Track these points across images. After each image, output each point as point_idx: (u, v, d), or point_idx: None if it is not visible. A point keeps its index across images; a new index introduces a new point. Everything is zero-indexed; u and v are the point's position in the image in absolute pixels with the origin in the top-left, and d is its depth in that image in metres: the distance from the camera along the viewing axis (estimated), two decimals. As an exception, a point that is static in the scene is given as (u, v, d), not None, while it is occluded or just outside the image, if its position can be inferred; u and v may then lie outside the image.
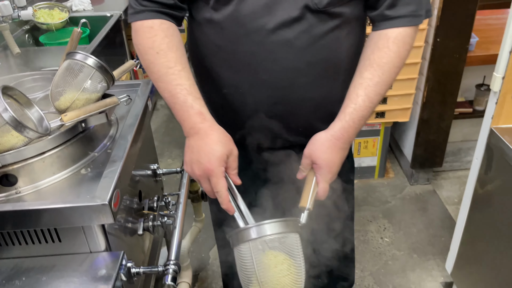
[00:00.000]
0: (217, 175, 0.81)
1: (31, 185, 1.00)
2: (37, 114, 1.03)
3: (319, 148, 0.87)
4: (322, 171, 0.87)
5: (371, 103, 0.86)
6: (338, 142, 0.87)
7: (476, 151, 1.38)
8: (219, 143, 0.83)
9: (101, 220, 0.96)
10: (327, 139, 0.87)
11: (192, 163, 0.85)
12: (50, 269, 0.99)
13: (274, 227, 0.79)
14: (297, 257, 0.80)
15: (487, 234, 1.39)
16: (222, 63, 0.94)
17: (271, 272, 0.78)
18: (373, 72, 0.84)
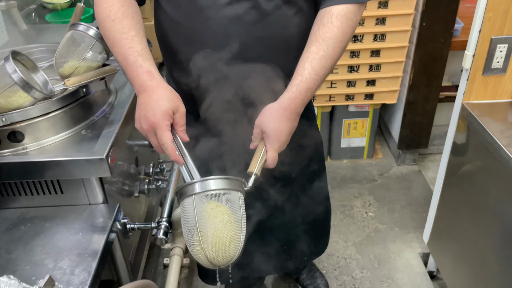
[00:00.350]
0: (161, 128, 0.84)
1: (36, 142, 1.11)
2: (42, 78, 1.13)
3: (267, 118, 0.91)
4: (270, 139, 0.91)
5: (317, 76, 0.91)
6: (286, 112, 0.91)
7: (450, 126, 1.47)
8: (165, 99, 0.86)
9: (99, 173, 1.06)
10: (275, 109, 0.91)
11: (140, 119, 0.88)
12: (53, 218, 1.10)
13: (218, 183, 0.81)
14: (238, 213, 0.82)
15: (460, 206, 1.48)
16: (181, 39, 1.00)
17: (211, 222, 0.79)
18: (319, 46, 0.90)
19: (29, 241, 1.02)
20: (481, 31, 1.25)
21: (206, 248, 0.79)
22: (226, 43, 0.96)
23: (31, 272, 0.94)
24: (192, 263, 1.88)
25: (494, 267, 1.29)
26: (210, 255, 0.80)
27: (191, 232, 0.81)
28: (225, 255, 0.80)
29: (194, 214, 0.80)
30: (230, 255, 0.81)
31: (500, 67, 1.30)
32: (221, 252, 0.80)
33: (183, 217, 0.83)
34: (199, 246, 0.80)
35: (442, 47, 1.99)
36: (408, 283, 1.75)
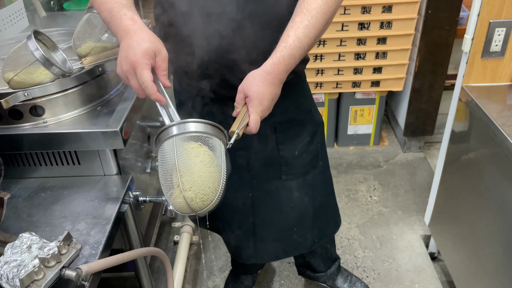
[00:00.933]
0: (141, 65, 0.83)
1: (56, 116, 1.19)
2: (61, 57, 1.21)
3: (251, 82, 0.93)
4: (253, 103, 0.92)
5: (301, 44, 0.94)
6: (269, 76, 0.93)
7: (450, 108, 1.52)
8: (146, 40, 0.86)
9: (113, 145, 1.14)
10: (258, 74, 0.93)
11: (121, 61, 0.87)
12: (70, 187, 1.18)
13: (200, 126, 0.80)
14: (219, 158, 0.82)
15: (460, 188, 1.53)
16: (177, 16, 1.04)
17: (191, 161, 0.77)
18: (303, 16, 0.94)
19: (48, 206, 1.10)
20: (479, 15, 1.29)
21: (185, 189, 0.77)
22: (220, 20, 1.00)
23: (50, 233, 1.02)
24: (201, 240, 1.96)
25: (492, 248, 1.33)
26: (188, 196, 0.77)
27: (169, 173, 0.79)
28: (204, 198, 0.78)
29: (174, 154, 0.77)
30: (208, 198, 0.79)
31: (499, 50, 1.34)
32: (200, 194, 0.78)
33: (161, 161, 0.81)
34: (178, 189, 0.77)
35: (448, 35, 2.03)
36: (408, 263, 1.81)
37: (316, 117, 1.30)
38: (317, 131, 1.30)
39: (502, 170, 1.24)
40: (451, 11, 1.97)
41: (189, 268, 1.85)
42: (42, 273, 0.81)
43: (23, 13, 1.90)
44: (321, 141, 1.33)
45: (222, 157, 0.83)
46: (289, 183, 1.29)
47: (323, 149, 1.36)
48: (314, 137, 1.29)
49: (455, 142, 1.53)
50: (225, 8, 1.00)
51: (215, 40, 1.03)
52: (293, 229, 1.35)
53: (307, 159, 1.29)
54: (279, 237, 1.36)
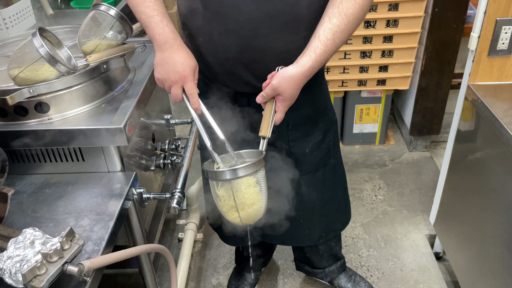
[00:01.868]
0: (192, 80, 0.98)
1: (61, 113, 1.20)
2: (66, 54, 1.21)
3: (289, 83, 0.95)
4: (285, 103, 0.98)
5: (335, 48, 0.96)
6: (304, 78, 0.97)
7: (456, 107, 1.51)
8: (191, 57, 0.99)
9: (117, 142, 1.15)
10: (297, 76, 0.95)
11: (168, 72, 0.99)
12: (75, 183, 1.19)
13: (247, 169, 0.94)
14: (262, 180, 0.97)
15: (465, 188, 1.52)
16: (198, 14, 1.06)
17: (244, 195, 0.95)
18: (341, 20, 0.95)
19: (52, 202, 1.11)
20: (486, 13, 1.28)
21: (242, 217, 0.98)
22: (239, 19, 1.01)
23: (54, 229, 1.03)
24: (205, 237, 1.96)
25: (498, 249, 1.32)
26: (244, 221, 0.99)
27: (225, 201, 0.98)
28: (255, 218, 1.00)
29: (232, 193, 0.95)
30: (258, 217, 1.00)
31: (505, 48, 1.33)
32: (252, 217, 0.99)
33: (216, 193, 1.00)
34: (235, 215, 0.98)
35: (455, 33, 2.01)
36: (413, 262, 1.80)
37: (330, 116, 1.31)
38: (329, 129, 1.30)
39: (508, 170, 1.23)
40: (458, 9, 1.95)
41: (193, 266, 1.85)
42: (44, 268, 0.82)
43: (30, 11, 1.91)
44: (333, 139, 1.34)
45: (264, 179, 0.98)
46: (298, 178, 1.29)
47: (336, 147, 1.37)
48: (326, 136, 1.29)
49: (461, 141, 1.52)
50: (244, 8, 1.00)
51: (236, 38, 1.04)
52: (300, 221, 1.35)
53: (318, 157, 1.29)
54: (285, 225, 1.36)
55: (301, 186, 1.30)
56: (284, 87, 0.96)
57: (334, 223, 1.44)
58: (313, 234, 1.40)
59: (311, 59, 0.96)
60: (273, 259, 1.85)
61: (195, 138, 1.59)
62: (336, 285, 1.67)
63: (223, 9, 1.01)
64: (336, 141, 1.36)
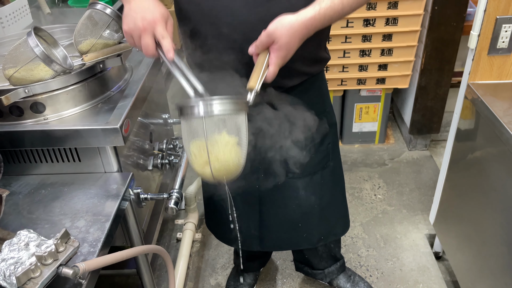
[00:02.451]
0: (162, 25, 0.89)
1: (57, 113, 1.18)
2: (62, 53, 1.20)
3: (286, 29, 0.85)
4: (279, 53, 0.87)
5: (341, 10, 0.88)
6: (304, 30, 0.87)
7: (456, 106, 1.49)
8: (160, 6, 0.92)
9: (113, 142, 1.14)
10: (296, 23, 0.85)
11: (135, 20, 0.89)
12: (71, 184, 1.18)
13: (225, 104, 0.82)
14: (243, 132, 0.85)
15: (465, 187, 1.51)
16: (193, 16, 1.05)
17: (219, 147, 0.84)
18: None
19: (48, 203, 1.10)
20: (486, 11, 1.27)
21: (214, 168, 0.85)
22: (232, 22, 0.99)
23: (49, 230, 1.02)
24: (204, 237, 1.96)
25: (497, 248, 1.31)
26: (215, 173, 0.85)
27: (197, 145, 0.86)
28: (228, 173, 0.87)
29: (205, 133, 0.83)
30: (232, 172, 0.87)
31: (506, 47, 1.32)
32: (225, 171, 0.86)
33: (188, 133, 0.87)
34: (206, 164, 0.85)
35: (455, 31, 2.00)
36: (413, 262, 1.79)
37: (329, 118, 1.29)
38: (328, 132, 1.28)
39: (507, 169, 1.22)
40: (458, 7, 1.94)
41: (191, 266, 1.85)
42: (39, 271, 0.81)
43: (26, 10, 1.90)
44: (332, 141, 1.32)
45: (245, 132, 0.85)
46: (295, 181, 1.28)
47: (335, 149, 1.35)
48: (325, 138, 1.28)
49: (460, 140, 1.51)
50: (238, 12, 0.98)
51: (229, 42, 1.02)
52: (298, 224, 1.35)
53: (316, 160, 1.28)
54: (283, 229, 1.36)
55: (299, 189, 1.29)
56: (280, 33, 0.85)
57: (334, 227, 1.43)
58: (312, 237, 1.38)
59: (315, 10, 0.87)
60: (272, 259, 1.84)
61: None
62: (335, 285, 1.66)
63: (215, 12, 1.00)
64: (336, 144, 1.35)
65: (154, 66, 1.49)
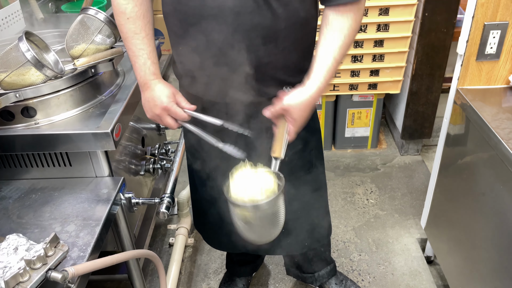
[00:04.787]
0: (172, 106, 1.04)
1: (48, 118, 1.19)
2: (54, 58, 1.20)
3: (298, 106, 0.98)
4: (295, 123, 1.00)
5: (337, 64, 0.99)
6: (314, 102, 1.00)
7: (446, 111, 1.51)
8: (165, 88, 1.06)
9: (104, 146, 1.14)
10: (306, 99, 0.98)
11: (151, 110, 1.07)
12: (61, 188, 1.18)
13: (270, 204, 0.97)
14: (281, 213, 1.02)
15: (455, 192, 1.52)
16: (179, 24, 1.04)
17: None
18: (337, 38, 0.96)
19: (38, 208, 1.10)
20: (474, 17, 1.29)
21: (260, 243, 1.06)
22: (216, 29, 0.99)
23: (39, 235, 1.02)
24: (196, 242, 1.95)
25: (487, 252, 1.32)
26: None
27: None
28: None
29: None
30: None
31: (494, 52, 1.33)
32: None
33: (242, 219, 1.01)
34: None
35: (445, 37, 2.02)
36: (404, 266, 1.80)
37: (311, 124, 1.28)
38: (311, 138, 1.29)
39: (496, 174, 1.23)
40: (448, 13, 1.96)
41: (183, 271, 1.84)
42: (27, 275, 0.81)
43: (19, 15, 1.90)
44: (315, 147, 1.32)
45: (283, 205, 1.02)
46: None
47: (318, 156, 1.35)
48: (307, 145, 1.28)
49: (450, 145, 1.52)
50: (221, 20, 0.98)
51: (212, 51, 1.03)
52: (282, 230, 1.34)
53: (298, 166, 1.28)
54: None
55: None
56: (294, 110, 0.98)
57: (317, 233, 1.43)
58: (295, 243, 1.39)
59: (318, 80, 0.98)
60: (264, 264, 1.84)
61: (185, 142, 1.58)
62: None
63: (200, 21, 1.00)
64: (319, 150, 1.35)
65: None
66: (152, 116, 1.09)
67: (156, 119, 1.08)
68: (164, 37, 3.38)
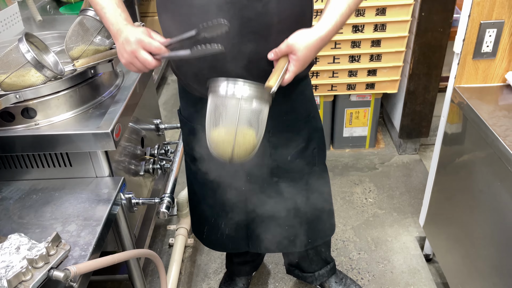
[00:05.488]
0: (146, 38, 0.96)
1: (48, 119, 1.19)
2: (53, 59, 1.21)
3: (305, 44, 0.94)
4: (297, 63, 0.95)
5: (350, 14, 0.97)
6: (321, 44, 0.96)
7: (443, 109, 1.52)
8: (135, 28, 1.00)
9: (105, 146, 1.15)
10: (314, 38, 0.94)
11: (125, 49, 0.98)
12: (62, 188, 1.18)
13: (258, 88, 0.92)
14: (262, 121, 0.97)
15: (453, 189, 1.53)
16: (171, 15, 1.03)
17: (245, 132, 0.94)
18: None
19: (39, 208, 1.11)
20: (470, 16, 1.30)
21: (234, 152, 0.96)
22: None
23: (41, 235, 1.02)
24: (196, 242, 1.96)
25: (485, 249, 1.33)
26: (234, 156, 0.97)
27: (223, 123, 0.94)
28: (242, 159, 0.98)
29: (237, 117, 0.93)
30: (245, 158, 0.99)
31: (490, 51, 1.35)
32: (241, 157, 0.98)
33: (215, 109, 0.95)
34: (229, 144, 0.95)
35: (442, 37, 2.03)
36: (403, 265, 1.81)
37: (314, 123, 1.29)
38: (313, 137, 1.29)
39: (494, 171, 1.24)
40: (444, 13, 1.97)
41: (183, 271, 1.84)
42: (30, 274, 0.81)
43: (18, 17, 1.90)
44: (318, 146, 1.32)
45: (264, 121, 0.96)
46: (281, 185, 1.29)
47: (321, 154, 1.35)
48: (309, 143, 1.28)
49: (448, 143, 1.53)
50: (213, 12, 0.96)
51: None
52: (285, 227, 1.35)
53: (301, 165, 1.29)
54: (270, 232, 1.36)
55: (284, 193, 1.29)
56: (299, 46, 0.94)
57: (320, 230, 1.44)
58: (298, 241, 1.40)
59: (329, 22, 0.95)
60: (264, 263, 1.85)
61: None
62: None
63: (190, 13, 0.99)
64: (322, 149, 1.35)
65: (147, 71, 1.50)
66: (127, 56, 0.99)
67: (132, 59, 0.99)
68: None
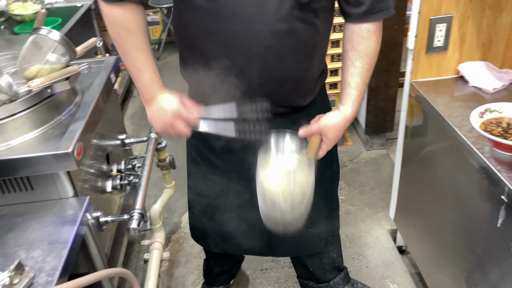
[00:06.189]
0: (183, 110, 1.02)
1: (5, 143, 1.16)
2: (6, 81, 1.17)
3: (334, 127, 1.06)
4: (329, 142, 1.07)
5: (366, 85, 1.07)
6: (348, 122, 1.07)
7: (402, 104, 1.56)
8: (172, 96, 1.04)
9: (66, 167, 1.12)
10: (341, 122, 1.06)
11: (162, 119, 1.04)
12: (25, 213, 1.15)
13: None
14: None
15: (419, 181, 1.57)
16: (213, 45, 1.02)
17: None
18: (363, 61, 1.02)
19: (2, 236, 1.07)
20: (420, 13, 1.34)
21: None
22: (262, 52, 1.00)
23: (4, 263, 0.98)
24: (172, 255, 1.93)
25: (453, 237, 1.37)
26: None
27: None
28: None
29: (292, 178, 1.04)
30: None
31: (442, 45, 1.39)
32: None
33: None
34: None
35: (397, 34, 2.09)
36: (378, 258, 1.84)
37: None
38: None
39: (454, 161, 1.29)
40: (398, 10, 2.00)
41: (161, 285, 1.82)
42: (-7, 306, 0.79)
43: (-31, 39, 1.85)
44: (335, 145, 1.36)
45: None
46: None
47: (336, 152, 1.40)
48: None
49: (409, 137, 1.58)
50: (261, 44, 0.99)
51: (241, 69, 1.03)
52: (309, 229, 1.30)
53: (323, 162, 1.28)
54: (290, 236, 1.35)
55: None
56: (329, 131, 1.05)
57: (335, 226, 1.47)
58: (321, 240, 1.40)
59: (351, 104, 1.06)
60: (242, 270, 1.85)
61: (152, 156, 1.57)
62: None
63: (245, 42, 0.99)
64: (336, 147, 1.38)
65: (106, 86, 1.48)
66: (163, 126, 1.05)
67: (167, 129, 1.05)
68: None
